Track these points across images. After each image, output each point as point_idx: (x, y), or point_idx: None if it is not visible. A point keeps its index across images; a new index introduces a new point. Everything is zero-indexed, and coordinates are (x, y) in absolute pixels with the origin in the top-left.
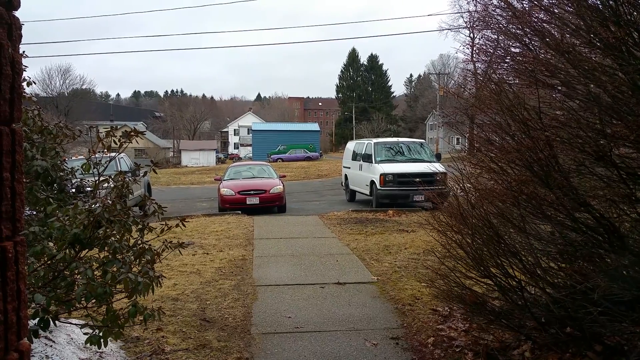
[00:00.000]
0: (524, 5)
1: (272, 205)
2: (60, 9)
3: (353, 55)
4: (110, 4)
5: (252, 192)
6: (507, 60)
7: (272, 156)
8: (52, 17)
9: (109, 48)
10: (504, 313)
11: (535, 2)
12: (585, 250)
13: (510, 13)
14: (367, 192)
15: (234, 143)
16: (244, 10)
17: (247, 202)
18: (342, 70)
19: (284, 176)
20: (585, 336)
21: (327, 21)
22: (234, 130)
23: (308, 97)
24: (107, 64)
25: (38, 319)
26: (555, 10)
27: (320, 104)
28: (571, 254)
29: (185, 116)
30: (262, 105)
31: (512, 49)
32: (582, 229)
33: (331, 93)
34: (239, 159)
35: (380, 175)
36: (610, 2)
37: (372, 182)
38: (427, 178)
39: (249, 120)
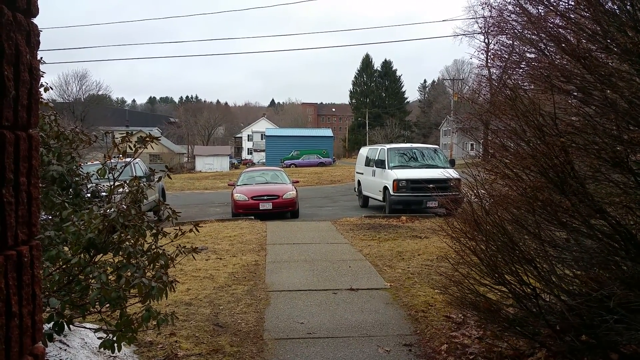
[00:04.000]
0: (540, 10)
1: (285, 210)
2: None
3: (367, 61)
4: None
5: (265, 197)
6: (522, 66)
7: (285, 161)
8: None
9: (133, 55)
10: (518, 320)
11: (551, 8)
12: (601, 258)
13: (525, 18)
14: (380, 198)
15: (248, 148)
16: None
17: (260, 208)
18: (355, 76)
19: (297, 182)
20: (601, 344)
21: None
22: (248, 135)
23: (321, 102)
24: (126, 71)
25: (53, 322)
26: (571, 16)
27: (333, 109)
28: (587, 261)
29: (199, 122)
30: (276, 111)
31: (527, 55)
32: (598, 236)
33: (345, 99)
34: (253, 164)
35: (394, 181)
36: (628, 7)
37: (385, 188)
38: (441, 184)
39: (263, 125)
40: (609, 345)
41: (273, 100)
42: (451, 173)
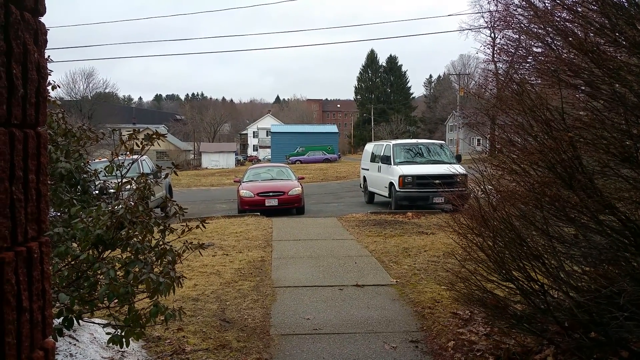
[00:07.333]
0: (546, 4)
1: (291, 206)
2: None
3: (372, 57)
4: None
5: (270, 193)
6: (529, 60)
7: (290, 158)
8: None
9: (143, 54)
10: (526, 317)
11: (558, 1)
12: (610, 254)
13: (531, 12)
14: (386, 194)
15: (253, 145)
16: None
17: (266, 204)
18: (360, 72)
19: (303, 178)
20: (611, 342)
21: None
22: (253, 132)
23: (326, 99)
24: (134, 69)
25: (62, 318)
26: (579, 9)
27: (338, 105)
28: (595, 257)
29: (205, 119)
30: (281, 108)
31: (534, 49)
32: (607, 232)
33: (350, 95)
34: (258, 160)
35: (399, 176)
36: (637, 0)
37: (391, 184)
38: (447, 180)
39: (268, 122)
40: (619, 342)
41: (278, 96)
42: (457, 169)
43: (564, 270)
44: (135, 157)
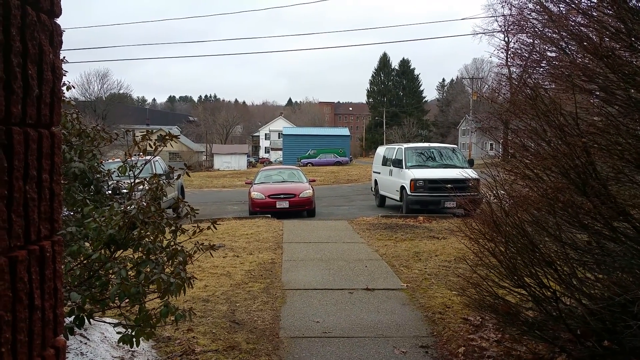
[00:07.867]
0: (561, 8)
1: (302, 209)
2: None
3: (384, 60)
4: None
5: (282, 196)
6: (543, 65)
7: (302, 160)
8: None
9: (159, 55)
10: (538, 324)
11: (573, 6)
12: (624, 261)
13: (546, 17)
14: (397, 197)
15: (265, 147)
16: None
17: (277, 206)
18: (373, 75)
19: (314, 180)
20: (624, 351)
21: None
22: (265, 134)
23: (338, 101)
24: (149, 71)
25: (74, 316)
26: (594, 14)
27: (350, 108)
28: (609, 264)
29: (218, 121)
30: (293, 110)
31: (548, 53)
32: (621, 239)
33: (362, 98)
34: (270, 162)
35: (411, 180)
36: None
37: (403, 188)
38: (459, 184)
39: (280, 124)
40: (633, 351)
41: (290, 99)
42: (470, 173)
43: (577, 277)
44: (148, 157)
